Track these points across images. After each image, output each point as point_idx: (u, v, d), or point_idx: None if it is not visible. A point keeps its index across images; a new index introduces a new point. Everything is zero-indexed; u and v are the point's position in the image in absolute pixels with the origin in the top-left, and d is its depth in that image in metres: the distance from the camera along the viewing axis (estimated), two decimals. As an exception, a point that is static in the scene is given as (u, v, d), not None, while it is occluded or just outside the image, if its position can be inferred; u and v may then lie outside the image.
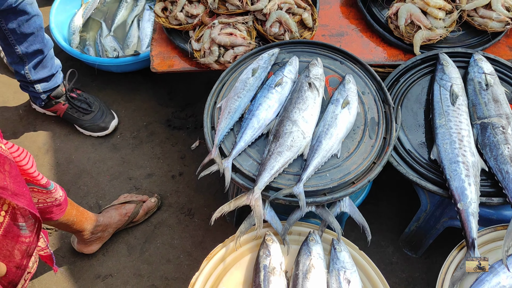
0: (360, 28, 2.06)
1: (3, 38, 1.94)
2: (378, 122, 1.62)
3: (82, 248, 1.86)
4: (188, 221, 2.01)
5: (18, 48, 1.96)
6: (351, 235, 1.93)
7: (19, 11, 1.85)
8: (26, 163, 1.28)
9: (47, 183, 1.41)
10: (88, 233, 1.79)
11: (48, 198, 1.45)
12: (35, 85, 2.12)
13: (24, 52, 1.98)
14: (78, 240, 1.85)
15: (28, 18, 1.90)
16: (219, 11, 1.92)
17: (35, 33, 1.96)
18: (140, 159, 2.21)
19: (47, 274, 1.87)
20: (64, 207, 1.55)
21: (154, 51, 2.01)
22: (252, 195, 1.44)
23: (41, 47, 2.01)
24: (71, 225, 1.66)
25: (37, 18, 1.94)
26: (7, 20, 1.86)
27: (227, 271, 1.43)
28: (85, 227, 1.75)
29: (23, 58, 2.01)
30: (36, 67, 2.07)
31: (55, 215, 1.52)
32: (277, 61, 1.76)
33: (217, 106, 1.65)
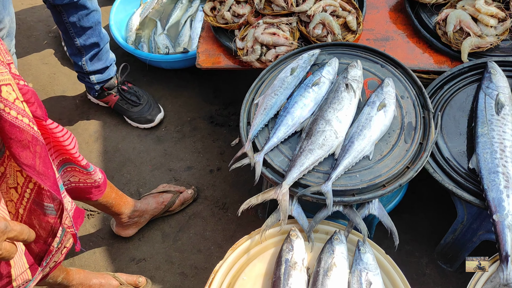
0: (406, 34, 2.03)
1: (64, 30, 2.09)
2: (415, 127, 1.59)
3: (119, 231, 1.96)
4: (221, 215, 2.06)
5: (77, 40, 2.11)
6: (383, 242, 1.89)
7: (80, 6, 2.00)
8: (69, 144, 1.38)
9: (87, 165, 1.50)
10: (126, 217, 1.88)
11: (88, 179, 1.54)
12: (90, 76, 2.27)
13: (82, 44, 2.12)
14: (116, 223, 1.95)
15: (88, 13, 2.04)
16: (264, 12, 1.96)
17: (93, 27, 2.10)
18: (181, 152, 2.30)
19: (87, 253, 1.98)
20: (103, 189, 1.64)
21: (201, 48, 2.08)
22: (280, 190, 1.46)
23: (98, 40, 2.15)
24: (110, 207, 1.76)
25: (95, 13, 2.08)
26: (68, 14, 2.01)
27: (250, 262, 1.46)
28: (123, 211, 1.84)
29: (81, 50, 2.16)
30: (92, 59, 2.21)
31: (94, 196, 1.62)
32: (317, 62, 1.77)
33: (254, 102, 1.69)
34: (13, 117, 0.99)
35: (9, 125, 0.99)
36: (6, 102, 0.99)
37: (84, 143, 2.38)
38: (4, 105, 0.98)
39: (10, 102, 0.99)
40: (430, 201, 2.03)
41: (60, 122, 2.45)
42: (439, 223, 1.97)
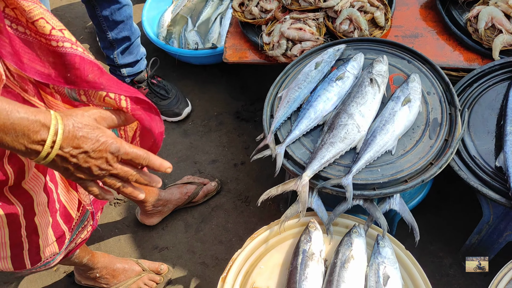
0: (436, 31, 2.00)
1: (97, 24, 2.16)
2: (440, 123, 1.56)
3: (144, 219, 2.01)
4: (243, 208, 2.08)
5: (109, 34, 2.18)
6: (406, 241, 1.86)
7: (112, 0, 2.06)
8: None
9: None
10: (150, 206, 1.93)
11: None
12: (121, 69, 2.33)
13: (114, 38, 2.19)
14: (141, 212, 2.00)
15: (120, 7, 2.10)
16: (291, 7, 1.98)
17: (124, 21, 2.16)
18: (207, 145, 2.33)
19: (112, 239, 2.04)
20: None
21: (228, 43, 2.12)
22: (300, 181, 1.46)
23: (129, 34, 2.22)
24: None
25: (127, 7, 2.14)
26: (102, 7, 2.08)
27: (268, 252, 1.47)
28: (147, 199, 1.89)
29: (113, 44, 2.23)
30: (123, 53, 2.27)
31: None
32: (342, 57, 1.77)
33: (278, 95, 1.71)
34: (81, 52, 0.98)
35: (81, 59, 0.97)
36: (71, 41, 0.98)
37: (114, 134, 2.45)
38: (71, 43, 0.98)
39: (74, 42, 0.99)
40: (455, 201, 1.99)
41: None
42: (464, 224, 1.92)
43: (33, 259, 1.25)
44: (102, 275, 1.79)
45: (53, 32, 0.96)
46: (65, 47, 0.96)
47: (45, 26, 0.95)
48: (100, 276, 1.79)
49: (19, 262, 1.22)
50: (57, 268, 1.97)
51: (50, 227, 1.24)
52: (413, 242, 1.47)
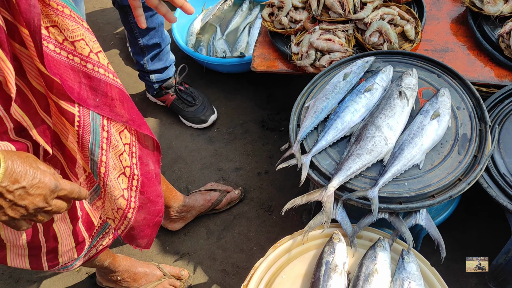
0: (467, 46, 1.97)
1: (129, 30, 2.21)
2: (470, 139, 1.54)
3: (167, 224, 2.02)
4: (266, 217, 2.08)
5: (140, 40, 2.22)
6: (430, 258, 1.82)
7: (145, 7, 2.10)
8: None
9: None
10: (174, 211, 1.94)
11: None
12: (151, 75, 2.37)
13: (145, 44, 2.23)
14: (164, 216, 2.02)
15: (152, 14, 2.14)
16: (321, 18, 1.98)
17: (156, 28, 2.20)
18: (231, 153, 2.34)
19: (134, 243, 2.06)
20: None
21: (256, 52, 2.13)
22: (325, 192, 1.46)
23: (160, 41, 2.26)
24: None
25: (159, 15, 2.18)
26: None
27: (290, 261, 1.46)
28: (172, 204, 1.91)
29: (143, 50, 2.27)
30: (153, 59, 2.31)
31: None
32: (371, 69, 1.77)
33: (305, 105, 1.71)
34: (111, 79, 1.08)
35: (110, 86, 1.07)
36: (104, 67, 1.06)
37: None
38: (104, 70, 1.05)
39: (106, 66, 1.07)
40: (483, 219, 1.94)
41: (119, 117, 2.59)
42: (491, 243, 1.88)
43: (51, 262, 1.27)
44: (123, 278, 1.81)
45: (91, 55, 1.02)
46: (100, 73, 1.04)
47: (84, 47, 1.01)
48: (121, 279, 1.80)
49: (37, 262, 1.24)
50: (79, 269, 2.00)
51: (70, 234, 1.26)
52: (438, 259, 1.44)
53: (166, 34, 2.31)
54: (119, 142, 1.17)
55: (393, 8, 1.94)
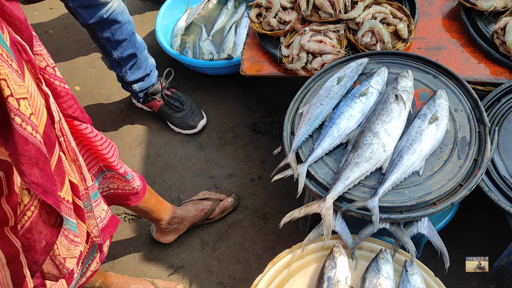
0: (461, 43, 1.93)
1: (100, 46, 2.13)
2: (469, 142, 1.50)
3: (159, 237, 1.96)
4: (261, 225, 2.02)
5: (114, 53, 2.13)
6: (431, 262, 1.80)
7: (111, 21, 2.01)
8: (107, 152, 1.39)
9: (125, 173, 1.51)
10: (165, 223, 1.88)
11: (126, 186, 1.56)
12: (133, 85, 2.30)
13: (119, 57, 2.15)
14: (156, 229, 1.95)
15: (120, 26, 2.05)
16: (311, 19, 1.92)
17: (127, 39, 2.12)
18: (222, 159, 2.28)
19: (127, 257, 1.99)
20: (141, 196, 1.64)
21: (245, 55, 2.06)
22: (323, 204, 1.41)
23: (134, 51, 2.17)
24: (150, 212, 1.76)
25: (128, 24, 2.09)
26: (101, 30, 2.04)
27: (291, 277, 1.42)
28: (163, 217, 1.84)
29: (120, 62, 2.18)
30: (131, 69, 2.23)
31: (132, 202, 1.63)
32: (365, 71, 1.71)
33: (298, 112, 1.65)
34: (28, 133, 0.89)
35: (24, 141, 0.88)
36: (23, 117, 0.88)
37: (127, 147, 2.41)
38: (22, 119, 0.88)
39: (27, 117, 0.89)
40: (483, 221, 1.92)
41: (104, 125, 2.51)
42: (493, 245, 1.85)
43: None
44: None
45: (9, 99, 0.85)
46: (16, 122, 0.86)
47: (4, 89, 0.84)
48: None
49: None
50: None
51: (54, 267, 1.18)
52: (438, 264, 1.41)
53: (139, 41, 2.21)
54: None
55: (385, 6, 1.88)
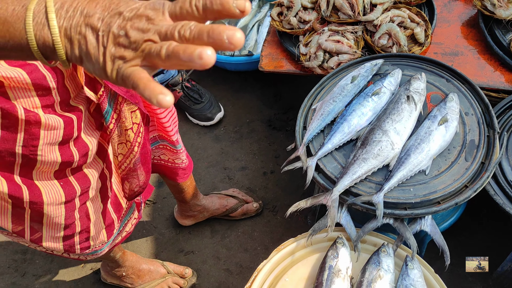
0: (478, 50, 1.95)
1: None
2: (478, 146, 1.53)
3: (178, 217, 2.05)
4: (270, 217, 2.08)
5: None
6: (434, 263, 1.82)
7: None
8: (167, 121, 1.47)
9: (177, 141, 1.56)
10: (189, 207, 1.95)
11: (176, 158, 1.61)
12: (154, 77, 2.37)
13: None
14: (178, 209, 2.03)
15: None
16: (330, 19, 1.97)
17: None
18: (237, 152, 2.34)
19: (139, 240, 2.07)
20: (189, 172, 1.71)
21: (265, 52, 2.13)
22: (330, 196, 1.45)
23: None
24: (181, 192, 1.83)
25: None
26: None
27: (294, 264, 1.46)
28: (189, 200, 1.91)
29: None
30: None
31: (180, 178, 1.69)
32: (380, 72, 1.75)
33: (312, 107, 1.70)
34: None
35: None
36: None
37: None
38: None
39: None
40: (488, 225, 1.93)
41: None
42: (496, 249, 1.87)
43: (83, 245, 1.28)
44: (128, 274, 1.83)
45: None
46: None
47: None
48: (126, 275, 1.82)
49: (70, 245, 1.25)
50: (84, 265, 2.02)
51: (100, 214, 1.28)
52: (442, 265, 1.44)
53: None
54: (127, 120, 1.24)
55: (403, 10, 1.92)
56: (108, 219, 1.33)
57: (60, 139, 1.01)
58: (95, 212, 1.26)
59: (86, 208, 1.21)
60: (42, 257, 2.04)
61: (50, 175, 1.06)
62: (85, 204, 1.20)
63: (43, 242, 1.19)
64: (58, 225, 1.16)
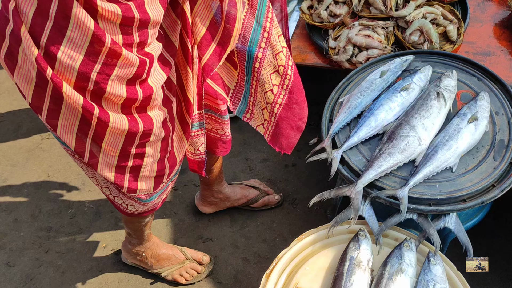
0: (510, 51, 1.92)
1: None
2: (507, 146, 1.51)
3: (199, 204, 2.05)
4: (290, 209, 2.08)
5: None
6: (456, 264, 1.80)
7: None
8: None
9: (225, 111, 1.56)
10: (211, 193, 1.96)
11: (219, 129, 1.61)
12: None
13: None
14: (200, 196, 2.03)
15: None
16: (361, 14, 1.96)
17: None
18: (259, 144, 2.35)
19: (160, 224, 2.10)
20: (228, 147, 1.70)
21: (293, 44, 2.13)
22: (354, 188, 1.45)
23: None
24: (208, 171, 1.80)
25: None
26: None
27: (314, 254, 1.47)
28: (213, 186, 1.92)
29: None
30: None
31: (219, 151, 1.68)
32: (409, 68, 1.74)
33: (339, 100, 1.70)
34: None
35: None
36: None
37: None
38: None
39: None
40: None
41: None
42: (520, 254, 1.84)
43: (131, 184, 1.30)
44: (147, 256, 1.84)
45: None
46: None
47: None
48: (146, 256, 1.84)
49: (120, 178, 1.27)
50: (105, 245, 2.05)
51: (155, 162, 1.31)
52: (462, 266, 1.42)
53: None
54: (278, 43, 1.36)
55: (436, 7, 1.91)
56: (160, 170, 1.35)
57: (131, 76, 1.07)
58: (151, 156, 1.27)
59: (143, 149, 1.23)
60: (66, 235, 2.08)
61: (117, 108, 1.11)
62: (144, 144, 1.22)
63: (98, 168, 1.22)
64: (114, 151, 1.19)
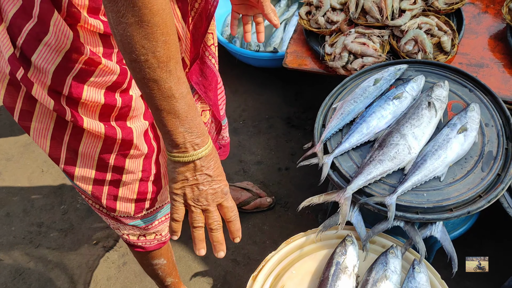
0: (503, 63, 1.94)
1: None
2: (495, 157, 1.53)
3: None
4: (282, 212, 2.10)
5: None
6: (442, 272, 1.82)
7: None
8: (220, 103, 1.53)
9: (223, 116, 1.59)
10: None
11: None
12: None
13: None
14: None
15: None
16: (358, 21, 1.98)
17: None
18: (254, 146, 2.37)
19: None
20: (226, 152, 1.72)
21: (290, 49, 2.15)
22: (343, 194, 1.47)
23: None
24: None
25: None
26: None
27: (301, 258, 1.48)
28: None
29: None
30: None
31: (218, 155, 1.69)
32: (403, 77, 1.76)
33: (332, 106, 1.72)
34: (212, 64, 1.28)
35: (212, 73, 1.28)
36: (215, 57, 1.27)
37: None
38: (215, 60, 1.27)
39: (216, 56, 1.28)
40: (498, 239, 1.92)
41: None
42: (505, 263, 1.86)
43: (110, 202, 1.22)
44: None
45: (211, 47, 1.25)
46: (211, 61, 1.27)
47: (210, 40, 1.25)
48: None
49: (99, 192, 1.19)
50: (96, 242, 2.06)
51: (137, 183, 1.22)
52: (449, 274, 1.44)
53: None
54: None
55: (432, 18, 1.93)
56: (141, 193, 1.26)
57: (110, 84, 1.05)
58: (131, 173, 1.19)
59: (123, 162, 1.15)
60: (57, 231, 2.09)
61: (95, 115, 1.07)
62: (124, 156, 1.14)
63: (74, 177, 1.14)
64: (92, 159, 1.12)
